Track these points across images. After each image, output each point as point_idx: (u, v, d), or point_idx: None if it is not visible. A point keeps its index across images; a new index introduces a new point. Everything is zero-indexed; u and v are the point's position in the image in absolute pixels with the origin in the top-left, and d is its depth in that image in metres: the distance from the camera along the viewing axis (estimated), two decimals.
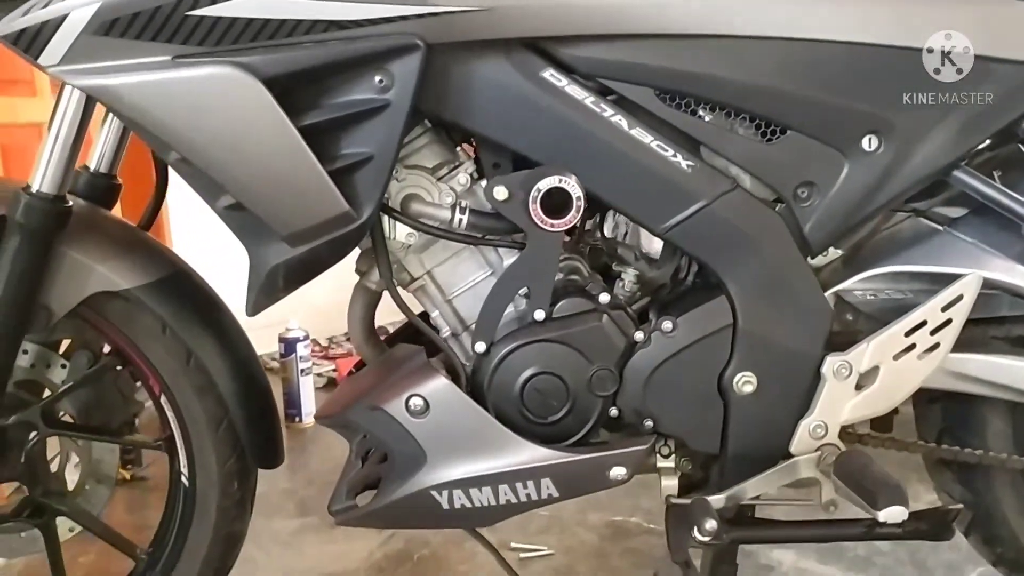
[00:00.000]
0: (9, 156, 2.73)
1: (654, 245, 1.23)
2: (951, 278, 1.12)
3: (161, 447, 1.26)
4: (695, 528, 1.09)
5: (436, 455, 1.09)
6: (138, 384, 1.32)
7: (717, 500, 1.10)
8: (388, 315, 1.23)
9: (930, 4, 1.05)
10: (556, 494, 1.10)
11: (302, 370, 2.74)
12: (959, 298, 1.10)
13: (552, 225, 0.95)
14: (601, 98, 1.04)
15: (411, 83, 0.96)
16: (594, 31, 1.02)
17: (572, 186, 0.94)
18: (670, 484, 1.15)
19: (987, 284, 1.11)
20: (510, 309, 1.11)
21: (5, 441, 1.19)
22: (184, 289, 1.20)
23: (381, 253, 1.08)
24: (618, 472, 1.10)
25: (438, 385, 1.08)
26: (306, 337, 2.81)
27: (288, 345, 2.76)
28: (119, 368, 1.26)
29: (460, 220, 1.07)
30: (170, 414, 1.22)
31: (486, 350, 1.10)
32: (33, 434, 1.21)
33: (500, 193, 1.05)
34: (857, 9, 1.04)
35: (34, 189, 1.05)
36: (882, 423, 1.75)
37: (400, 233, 1.09)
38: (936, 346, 1.11)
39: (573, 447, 1.11)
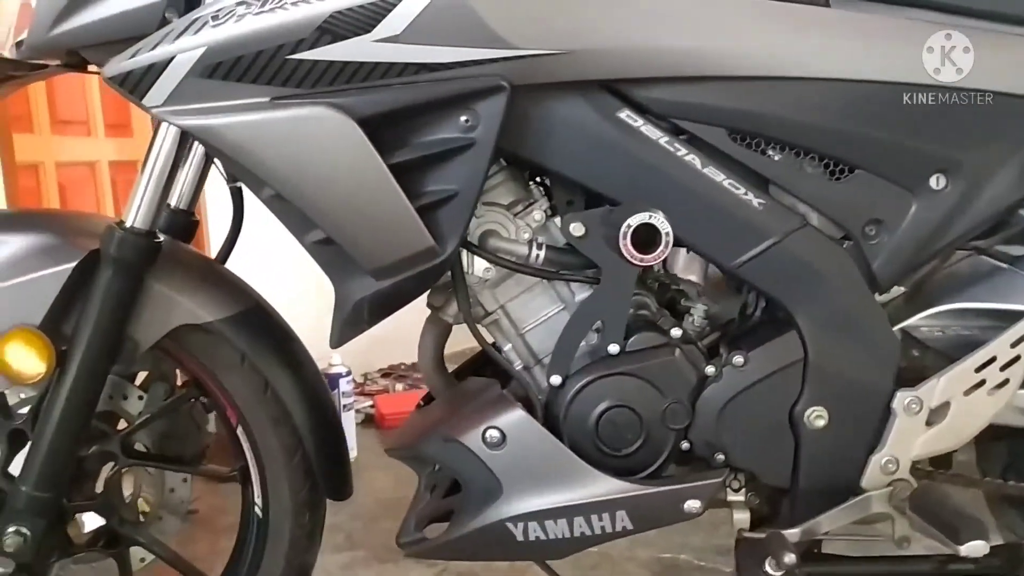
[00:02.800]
0: (65, 193, 2.81)
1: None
2: (1016, 315, 1.14)
3: (236, 478, 1.29)
4: (769, 562, 1.10)
5: (512, 487, 1.11)
6: (210, 415, 1.35)
7: (792, 534, 1.11)
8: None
9: (997, 46, 1.07)
10: (630, 527, 1.12)
11: (344, 406, 2.77)
12: None
13: (642, 260, 0.98)
14: (675, 137, 1.07)
15: (496, 122, 1.00)
16: (668, 73, 1.05)
17: (661, 222, 0.97)
18: (742, 517, 1.16)
19: None
20: (582, 343, 1.14)
21: (86, 471, 1.22)
22: (261, 322, 1.23)
23: (460, 287, 1.11)
24: (692, 505, 1.11)
25: (515, 417, 1.10)
26: (348, 373, 2.84)
27: (331, 381, 2.78)
28: (194, 399, 1.29)
29: (537, 256, 1.10)
30: (245, 444, 1.25)
31: (561, 383, 1.12)
32: (112, 464, 1.24)
33: (577, 230, 1.08)
34: (922, 53, 1.07)
35: (128, 224, 1.09)
36: (941, 460, 1.74)
37: (478, 268, 1.12)
38: (1006, 382, 1.12)
39: (647, 480, 1.13)
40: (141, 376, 1.32)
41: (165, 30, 0.96)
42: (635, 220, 0.96)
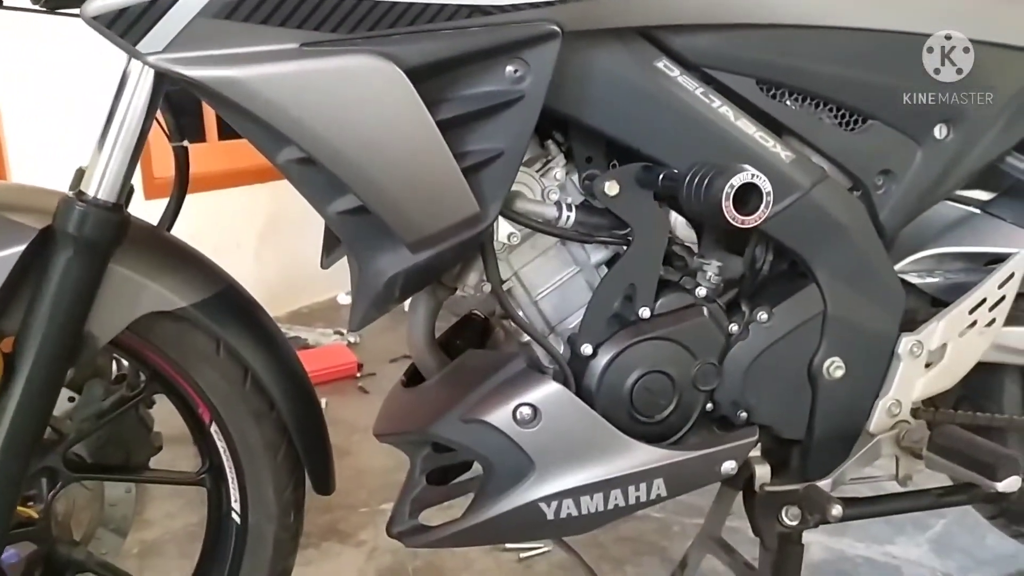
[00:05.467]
0: None
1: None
2: (991, 257, 1.19)
3: (203, 482, 1.12)
4: (787, 511, 1.11)
5: (545, 465, 1.04)
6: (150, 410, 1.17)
7: (825, 485, 1.12)
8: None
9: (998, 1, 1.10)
10: (665, 494, 1.08)
11: None
12: (1011, 276, 1.17)
13: (744, 222, 0.92)
14: (709, 88, 1.02)
15: (547, 73, 0.90)
16: (704, 20, 1.00)
17: (763, 180, 0.92)
18: (764, 472, 1.15)
19: None
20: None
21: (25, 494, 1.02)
22: (236, 303, 1.07)
23: (490, 255, 1.01)
24: (729, 466, 1.09)
25: (550, 391, 1.03)
26: None
27: None
28: (143, 399, 1.11)
29: (568, 217, 1.02)
30: (220, 444, 1.09)
31: (593, 351, 1.06)
32: (53, 481, 1.04)
33: (612, 188, 1.01)
34: (936, 4, 1.08)
35: (90, 195, 0.90)
36: None
37: (502, 233, 1.02)
38: (993, 321, 1.18)
39: (683, 445, 1.09)
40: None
41: None
42: (738, 180, 0.90)
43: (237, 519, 1.11)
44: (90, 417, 1.11)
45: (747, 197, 0.91)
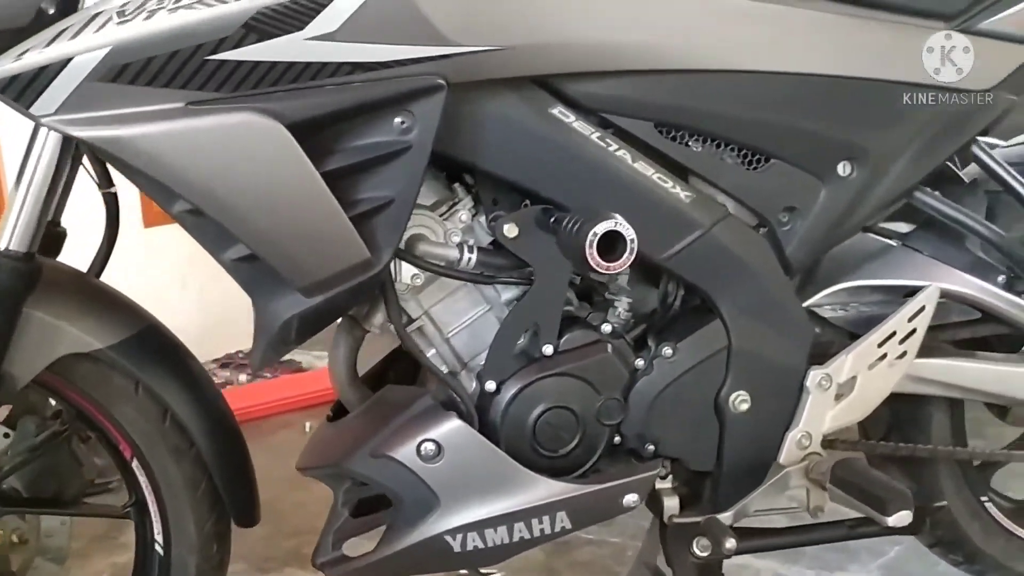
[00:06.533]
0: None
1: None
2: (909, 289, 1.21)
3: (129, 515, 1.17)
4: (697, 543, 1.14)
5: (450, 499, 1.07)
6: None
7: (725, 518, 1.14)
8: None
9: (897, 39, 1.13)
10: (569, 526, 1.11)
11: None
12: (922, 309, 1.19)
13: (608, 268, 0.95)
14: (606, 132, 1.05)
15: (433, 124, 0.94)
16: (600, 68, 1.03)
17: (626, 228, 0.95)
18: (672, 504, 1.18)
19: (942, 294, 1.21)
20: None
21: None
22: (155, 344, 1.11)
23: (391, 296, 1.05)
24: (631, 499, 1.11)
25: (452, 427, 1.06)
26: None
27: None
28: (74, 435, 1.16)
29: (469, 259, 1.06)
30: (142, 479, 1.13)
31: (497, 388, 1.09)
32: None
33: (511, 230, 1.04)
34: (833, 44, 1.11)
35: (2, 247, 0.95)
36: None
37: (405, 275, 1.06)
38: (904, 354, 1.20)
39: (586, 479, 1.12)
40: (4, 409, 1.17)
41: (58, 27, 0.83)
42: (601, 228, 0.94)
43: (160, 551, 1.15)
44: (23, 452, 1.15)
45: (615, 244, 0.95)
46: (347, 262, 0.95)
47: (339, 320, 1.16)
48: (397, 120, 0.93)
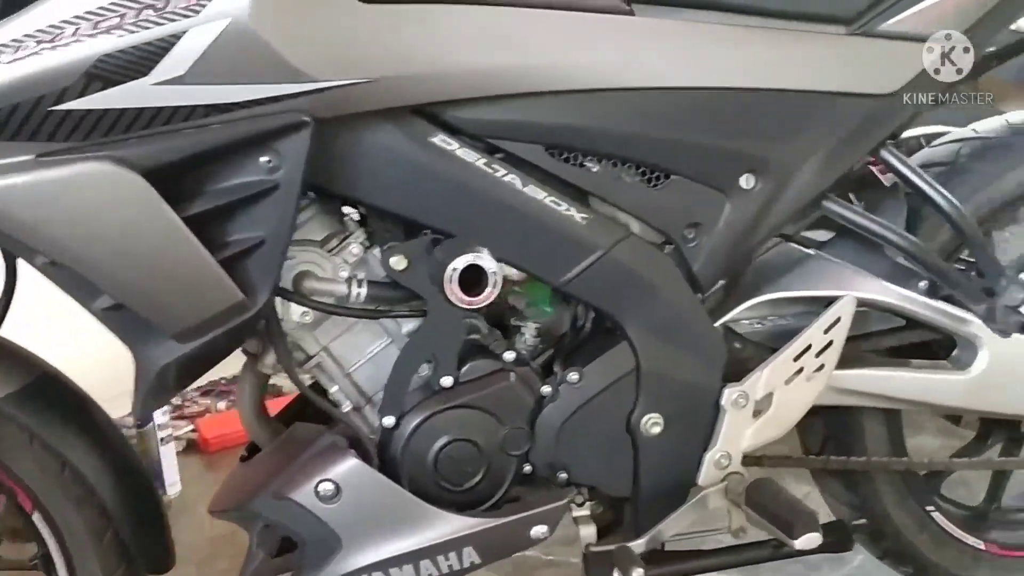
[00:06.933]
0: None
1: None
2: (828, 300, 1.18)
3: (37, 566, 1.15)
4: (616, 573, 1.10)
5: (352, 540, 1.05)
6: None
7: (638, 545, 1.11)
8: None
9: (792, 46, 1.10)
10: (479, 560, 1.09)
11: (161, 439, 2.53)
12: (838, 320, 1.16)
13: (470, 303, 0.93)
14: (492, 158, 1.03)
15: (300, 161, 0.91)
16: (478, 93, 1.00)
17: (487, 261, 0.92)
18: (588, 532, 1.16)
19: (860, 303, 1.18)
20: (412, 377, 1.08)
21: None
22: (51, 393, 1.09)
23: (277, 336, 1.03)
24: (539, 531, 1.09)
25: (348, 466, 1.04)
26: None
27: None
28: None
29: (358, 294, 1.03)
30: (45, 530, 1.11)
31: (395, 423, 1.07)
32: None
33: (399, 263, 1.02)
34: (727, 56, 1.08)
35: None
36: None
37: (294, 313, 1.04)
38: (822, 367, 1.17)
39: (493, 512, 1.09)
40: None
41: None
42: (461, 262, 0.91)
43: None
44: None
45: (480, 277, 0.92)
46: (219, 306, 0.92)
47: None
48: (263, 159, 0.91)
